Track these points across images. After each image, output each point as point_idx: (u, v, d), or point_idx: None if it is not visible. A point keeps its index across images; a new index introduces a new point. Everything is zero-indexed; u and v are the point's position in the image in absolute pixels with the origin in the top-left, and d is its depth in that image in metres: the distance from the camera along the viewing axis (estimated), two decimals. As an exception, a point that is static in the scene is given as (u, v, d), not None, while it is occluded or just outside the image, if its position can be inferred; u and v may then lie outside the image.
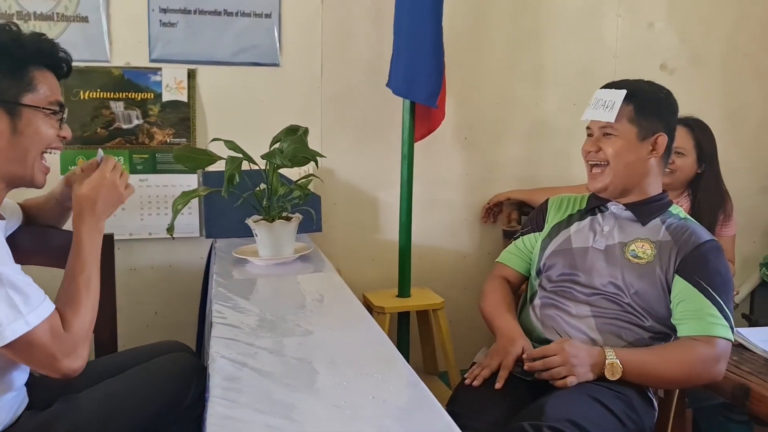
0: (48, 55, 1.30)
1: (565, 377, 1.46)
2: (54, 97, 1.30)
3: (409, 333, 2.59)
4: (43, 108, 1.27)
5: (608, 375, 1.48)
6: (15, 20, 2.22)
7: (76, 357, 1.19)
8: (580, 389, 1.45)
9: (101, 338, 1.64)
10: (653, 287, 1.57)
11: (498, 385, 1.50)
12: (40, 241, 1.57)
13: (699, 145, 2.24)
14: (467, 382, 1.56)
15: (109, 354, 1.61)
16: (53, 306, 1.18)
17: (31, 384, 1.41)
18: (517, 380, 1.54)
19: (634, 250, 1.61)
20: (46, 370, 1.19)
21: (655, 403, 1.60)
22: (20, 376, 1.28)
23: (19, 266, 1.19)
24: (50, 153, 1.33)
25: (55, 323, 1.17)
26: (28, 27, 2.24)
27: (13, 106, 1.23)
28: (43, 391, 1.40)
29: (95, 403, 1.26)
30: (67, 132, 1.34)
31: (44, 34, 1.32)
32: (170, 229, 1.78)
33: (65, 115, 1.35)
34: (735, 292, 1.79)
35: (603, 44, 2.85)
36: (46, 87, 1.28)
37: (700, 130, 2.25)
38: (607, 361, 1.47)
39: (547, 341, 1.62)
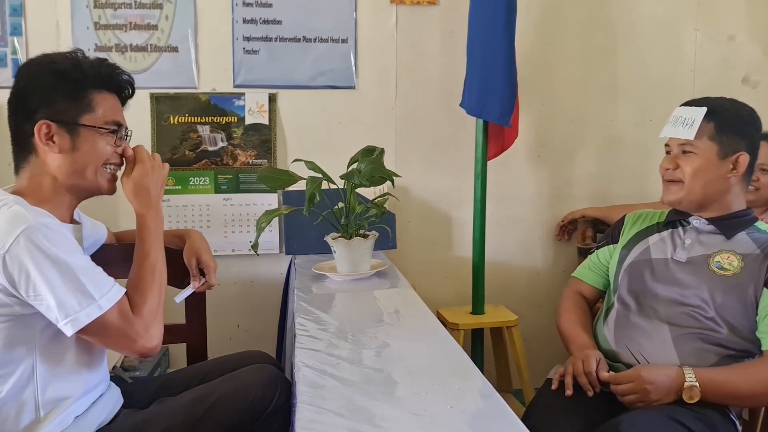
0: (107, 78, 1.40)
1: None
2: (111, 117, 1.40)
3: (483, 350, 2.60)
4: (99, 127, 1.37)
5: (686, 398, 1.45)
6: (114, 52, 2.43)
7: (150, 337, 1.29)
8: (659, 409, 1.43)
9: (193, 347, 1.74)
10: (739, 301, 1.53)
11: (569, 392, 1.51)
12: (130, 256, 1.68)
13: None
14: (554, 387, 1.57)
15: (199, 362, 1.71)
16: (123, 290, 1.30)
17: (129, 386, 1.53)
18: (594, 394, 1.53)
19: (719, 261, 1.58)
20: (124, 350, 1.30)
21: (739, 427, 1.56)
22: (92, 377, 1.37)
23: (88, 257, 1.30)
24: (109, 168, 1.41)
25: (124, 307, 1.28)
26: (125, 58, 2.43)
27: (72, 126, 1.35)
28: (139, 391, 1.51)
29: (187, 406, 1.34)
30: (126, 150, 1.44)
31: (106, 59, 1.42)
32: (255, 246, 1.87)
33: (125, 134, 1.45)
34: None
35: (681, 59, 2.80)
36: (103, 108, 1.38)
37: None
38: (685, 384, 1.44)
39: (617, 358, 1.61)
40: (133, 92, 1.47)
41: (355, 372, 1.28)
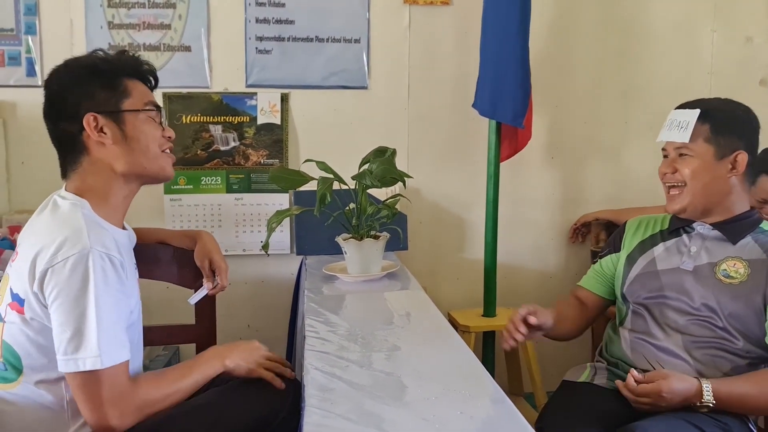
0: (133, 67, 1.42)
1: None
2: (148, 98, 1.41)
3: (494, 353, 2.58)
4: (141, 110, 1.39)
5: (699, 409, 1.43)
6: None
7: (120, 414, 1.22)
8: (677, 414, 1.41)
9: (203, 347, 1.73)
10: (748, 308, 1.50)
11: (505, 345, 1.60)
12: (147, 256, 1.68)
13: None
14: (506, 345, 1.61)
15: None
16: (128, 357, 1.26)
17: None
18: (610, 399, 1.52)
19: (725, 269, 1.55)
20: (88, 413, 1.23)
21: (756, 433, 1.53)
22: None
23: (120, 299, 1.28)
24: (166, 151, 1.44)
25: (119, 372, 1.23)
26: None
27: (117, 114, 1.36)
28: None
29: (202, 410, 1.34)
30: (169, 132, 1.46)
31: (126, 50, 1.45)
32: (265, 247, 1.87)
33: (163, 118, 1.46)
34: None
35: (697, 61, 2.77)
36: (138, 92, 1.40)
37: None
38: (702, 401, 1.41)
39: (634, 366, 1.59)
40: (156, 82, 1.47)
41: (364, 375, 1.27)
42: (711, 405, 1.41)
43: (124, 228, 1.45)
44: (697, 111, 1.56)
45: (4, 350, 1.32)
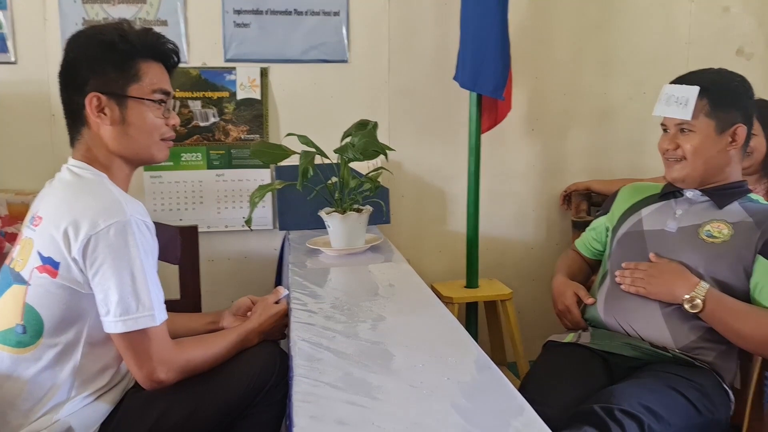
0: (153, 47, 1.40)
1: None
2: (158, 86, 1.39)
3: (477, 323, 2.61)
4: (146, 98, 1.37)
5: (687, 306, 1.50)
6: (102, 26, 2.38)
7: (167, 370, 1.30)
8: (655, 378, 1.45)
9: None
10: (729, 268, 1.53)
11: (590, 301, 1.72)
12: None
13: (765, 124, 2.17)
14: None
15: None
16: (167, 316, 1.31)
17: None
18: (594, 362, 1.56)
19: (709, 230, 1.58)
20: (137, 369, 1.29)
21: (731, 396, 1.57)
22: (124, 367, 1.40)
23: (156, 262, 1.33)
24: (166, 142, 1.44)
25: (165, 329, 1.30)
26: (113, 32, 2.39)
27: (121, 97, 1.35)
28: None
29: (190, 382, 1.35)
30: (175, 120, 1.44)
31: (151, 29, 1.42)
32: (248, 222, 1.86)
33: (172, 104, 1.45)
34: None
35: (675, 31, 2.78)
36: (149, 76, 1.37)
37: (762, 109, 2.17)
38: (694, 292, 1.49)
39: (605, 328, 1.65)
40: (178, 60, 1.46)
41: (351, 345, 1.28)
42: (700, 301, 1.48)
43: None
44: (697, 88, 1.57)
45: (26, 313, 1.31)
